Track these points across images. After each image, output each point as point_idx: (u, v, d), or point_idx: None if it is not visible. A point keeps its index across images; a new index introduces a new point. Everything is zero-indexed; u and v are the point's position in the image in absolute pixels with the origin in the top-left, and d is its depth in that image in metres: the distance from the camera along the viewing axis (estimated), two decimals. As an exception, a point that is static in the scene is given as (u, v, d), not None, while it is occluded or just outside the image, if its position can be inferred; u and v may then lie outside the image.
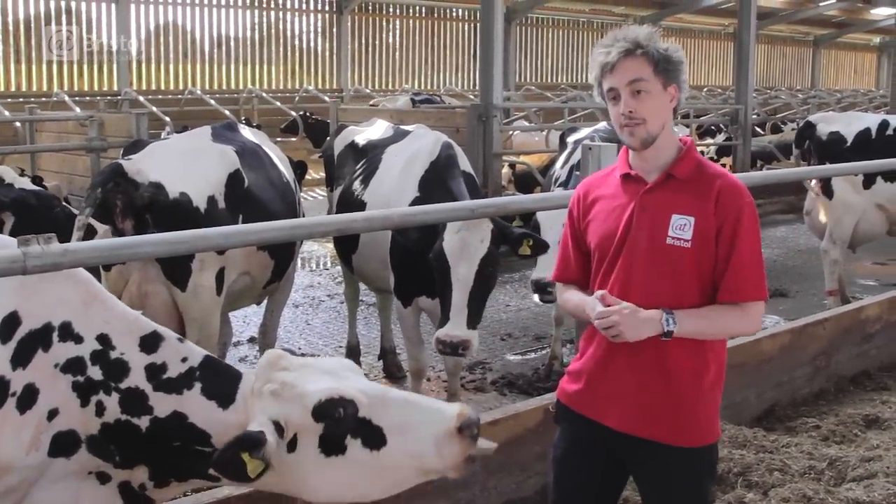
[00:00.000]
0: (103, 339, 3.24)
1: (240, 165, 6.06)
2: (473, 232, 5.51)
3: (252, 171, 6.18)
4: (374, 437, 3.16)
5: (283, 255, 6.40)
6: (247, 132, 6.79)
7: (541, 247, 5.87)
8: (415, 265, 5.97)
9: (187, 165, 5.85)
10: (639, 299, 3.26)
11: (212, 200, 5.75)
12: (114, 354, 3.23)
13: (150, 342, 3.29)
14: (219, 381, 3.27)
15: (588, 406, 3.49)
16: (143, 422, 3.21)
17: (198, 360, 3.31)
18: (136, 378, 3.23)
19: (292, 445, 3.15)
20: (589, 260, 3.55)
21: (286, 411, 3.14)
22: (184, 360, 3.29)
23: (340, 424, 3.14)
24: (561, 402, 3.63)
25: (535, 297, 6.77)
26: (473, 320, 5.58)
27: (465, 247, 5.52)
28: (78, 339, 3.21)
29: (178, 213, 5.51)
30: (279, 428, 3.11)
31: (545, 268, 6.59)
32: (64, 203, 9.92)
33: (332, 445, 3.15)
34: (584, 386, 3.50)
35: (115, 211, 5.42)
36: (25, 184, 7.51)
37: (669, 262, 3.28)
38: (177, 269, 5.53)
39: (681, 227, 3.28)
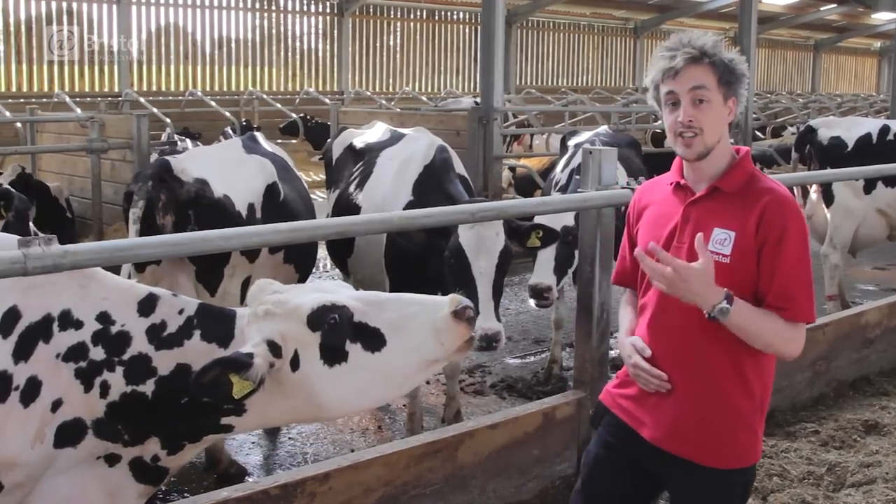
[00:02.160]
0: (103, 316, 3.27)
1: (277, 178, 6.10)
2: (487, 227, 5.51)
3: (286, 184, 6.26)
4: (373, 339, 3.21)
5: (305, 270, 6.52)
6: (266, 144, 6.81)
7: (551, 237, 5.86)
8: (409, 268, 5.97)
9: (229, 171, 5.93)
10: (676, 311, 3.23)
11: (251, 208, 5.82)
12: (114, 329, 3.26)
13: (147, 304, 3.32)
14: (216, 324, 3.31)
15: (627, 413, 3.46)
16: (149, 386, 3.23)
17: (194, 309, 3.36)
18: (139, 344, 3.26)
19: (295, 363, 3.18)
20: None
21: (281, 327, 3.18)
22: (181, 311, 3.34)
23: (337, 330, 3.17)
24: (602, 404, 3.60)
25: (532, 302, 6.76)
26: (497, 314, 5.57)
27: (482, 241, 5.51)
28: (78, 325, 3.24)
29: (220, 213, 5.57)
30: (275, 347, 3.14)
31: (542, 273, 6.60)
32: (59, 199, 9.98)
33: (333, 354, 3.18)
34: (629, 392, 3.47)
35: (158, 205, 5.46)
36: None
37: None
38: (210, 273, 5.56)
39: (721, 242, 3.20)
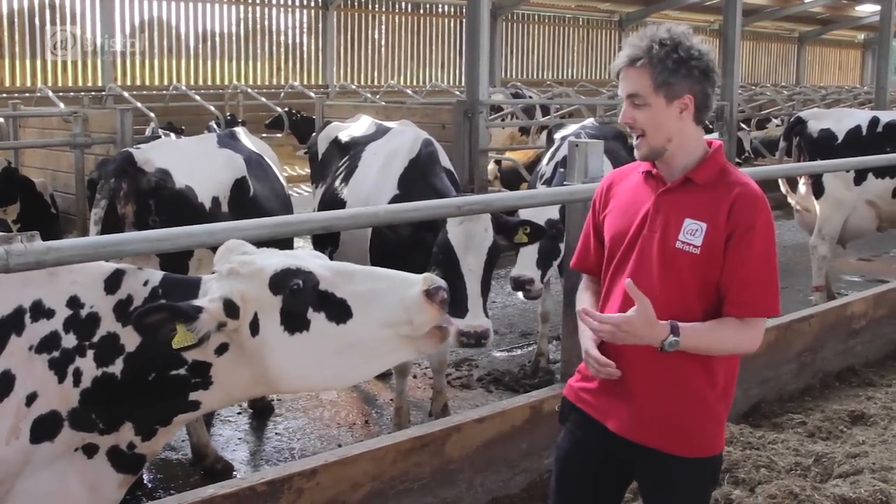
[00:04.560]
0: (73, 301, 3.23)
1: (246, 173, 6.06)
2: (476, 222, 5.49)
3: (258, 182, 6.19)
4: (338, 310, 3.10)
5: None
6: (247, 140, 6.76)
7: (539, 233, 5.84)
8: (394, 262, 5.93)
9: (195, 163, 5.89)
10: None
11: (216, 201, 5.76)
12: (84, 312, 3.22)
13: (113, 281, 3.28)
14: (179, 291, 3.23)
15: (594, 407, 3.45)
16: (118, 366, 3.19)
17: (158, 280, 3.30)
18: (107, 324, 3.22)
19: (255, 328, 3.10)
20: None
21: (243, 287, 3.11)
22: (145, 283, 3.28)
23: (299, 296, 3.08)
24: (567, 399, 3.59)
25: (520, 294, 6.77)
26: (486, 310, 5.56)
27: (471, 237, 5.50)
28: (49, 314, 3.21)
29: (181, 204, 5.54)
30: (231, 306, 3.07)
31: (524, 265, 6.59)
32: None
33: (294, 321, 3.09)
34: (592, 386, 3.47)
35: (119, 195, 5.44)
36: None
37: (676, 266, 3.19)
38: (175, 266, 5.51)
39: (692, 232, 3.20)
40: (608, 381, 3.38)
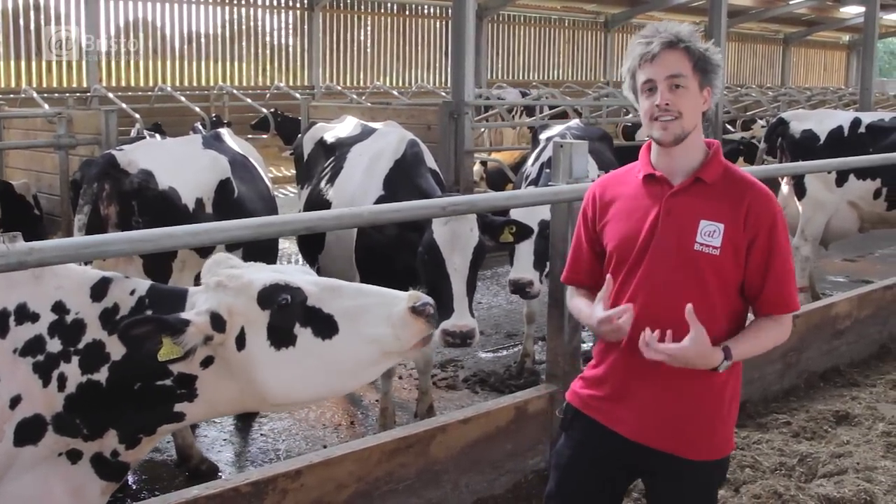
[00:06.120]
0: (58, 306, 3.23)
1: (231, 175, 6.04)
2: (462, 222, 5.49)
3: (243, 183, 6.18)
4: (325, 326, 3.13)
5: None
6: (231, 142, 6.74)
7: (525, 232, 5.84)
8: (380, 263, 5.95)
9: (179, 165, 5.87)
10: (663, 306, 3.18)
11: (199, 202, 5.76)
12: (69, 318, 3.22)
13: (99, 289, 3.28)
14: (166, 302, 3.24)
15: (603, 413, 3.42)
16: (103, 374, 3.19)
17: (145, 289, 3.30)
18: (93, 331, 3.22)
19: (241, 342, 3.12)
20: (601, 262, 3.46)
21: (230, 301, 3.13)
22: (132, 292, 3.29)
23: (287, 312, 3.11)
24: (572, 406, 3.55)
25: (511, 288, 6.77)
26: (471, 310, 5.55)
27: (457, 237, 5.49)
28: (34, 318, 3.21)
29: (165, 205, 5.53)
30: (218, 319, 3.09)
31: (523, 268, 6.59)
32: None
33: (281, 336, 3.12)
34: (601, 392, 3.44)
35: (102, 196, 5.42)
36: None
37: (695, 268, 3.18)
38: (158, 267, 5.50)
39: (710, 234, 3.19)
40: (618, 386, 3.38)
